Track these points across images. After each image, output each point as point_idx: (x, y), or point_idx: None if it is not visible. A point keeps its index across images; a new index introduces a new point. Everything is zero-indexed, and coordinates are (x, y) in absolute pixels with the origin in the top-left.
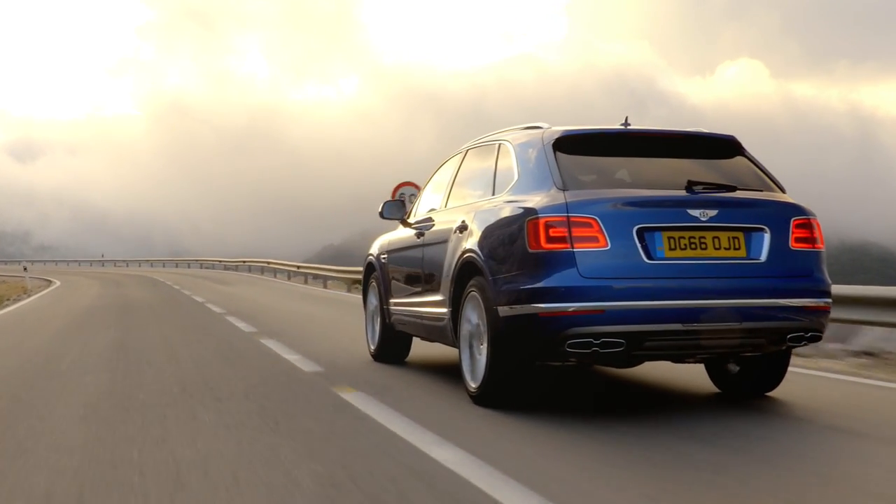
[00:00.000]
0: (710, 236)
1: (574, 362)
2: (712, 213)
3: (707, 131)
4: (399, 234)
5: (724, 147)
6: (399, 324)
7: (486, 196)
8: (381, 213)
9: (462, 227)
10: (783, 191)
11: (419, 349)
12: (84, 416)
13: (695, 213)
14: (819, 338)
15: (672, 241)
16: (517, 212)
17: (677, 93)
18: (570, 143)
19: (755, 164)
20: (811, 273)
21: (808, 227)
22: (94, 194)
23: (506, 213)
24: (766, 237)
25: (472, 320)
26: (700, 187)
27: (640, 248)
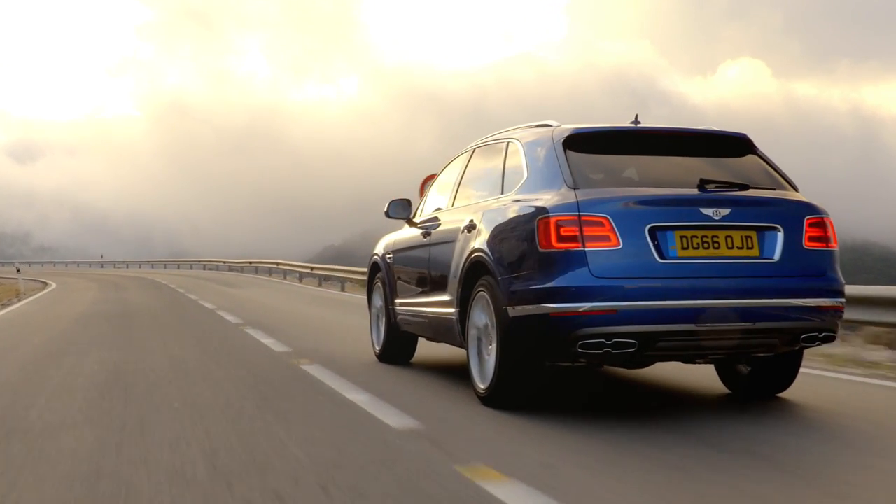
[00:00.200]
0: (722, 235)
1: (584, 363)
2: (725, 211)
3: (718, 129)
4: (405, 234)
5: (735, 145)
6: (405, 324)
7: (494, 195)
8: (387, 213)
9: (470, 227)
10: (796, 189)
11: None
12: None
13: (707, 211)
14: (833, 338)
15: (685, 240)
16: (527, 211)
17: (678, 92)
18: (580, 141)
19: (767, 163)
20: (825, 273)
21: (821, 226)
22: (94, 195)
23: (516, 212)
24: (780, 236)
25: (481, 320)
26: (712, 186)
27: (652, 247)
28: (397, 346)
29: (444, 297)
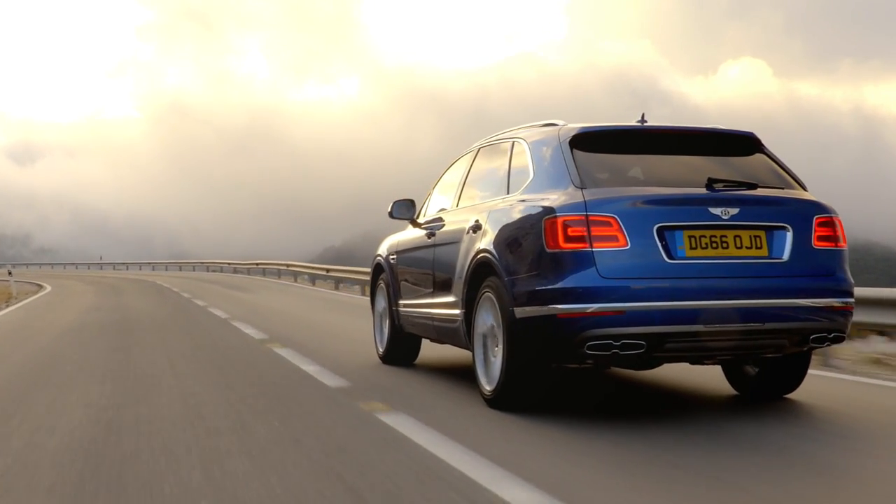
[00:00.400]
0: (731, 235)
1: (591, 364)
2: (734, 211)
3: (725, 128)
4: (408, 235)
5: (742, 144)
6: (409, 325)
7: (500, 195)
8: (391, 213)
9: (476, 227)
10: (804, 188)
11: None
12: None
13: (716, 211)
14: (842, 338)
15: (693, 240)
16: (534, 211)
17: (680, 92)
18: (587, 141)
19: (775, 161)
20: (834, 272)
21: (830, 225)
22: (94, 197)
23: (522, 212)
24: (789, 236)
25: (487, 322)
26: (721, 185)
27: (660, 247)
28: (401, 348)
29: (450, 299)
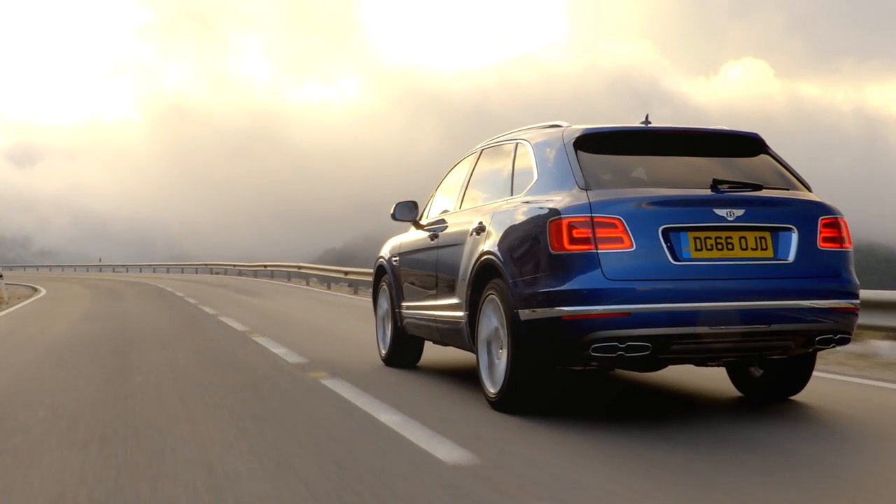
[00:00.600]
0: (736, 236)
1: (595, 366)
2: (739, 212)
3: (730, 129)
4: (411, 237)
5: (747, 145)
6: (412, 327)
7: (503, 197)
8: (393, 215)
9: (479, 229)
10: (809, 189)
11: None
12: None
13: (721, 212)
14: (848, 340)
15: (698, 241)
16: (538, 212)
17: (681, 93)
18: (591, 142)
19: (780, 162)
20: (839, 274)
21: (835, 226)
22: (94, 199)
23: (526, 213)
24: (794, 237)
25: (491, 324)
26: (726, 186)
27: (665, 248)
28: (404, 350)
29: (453, 301)
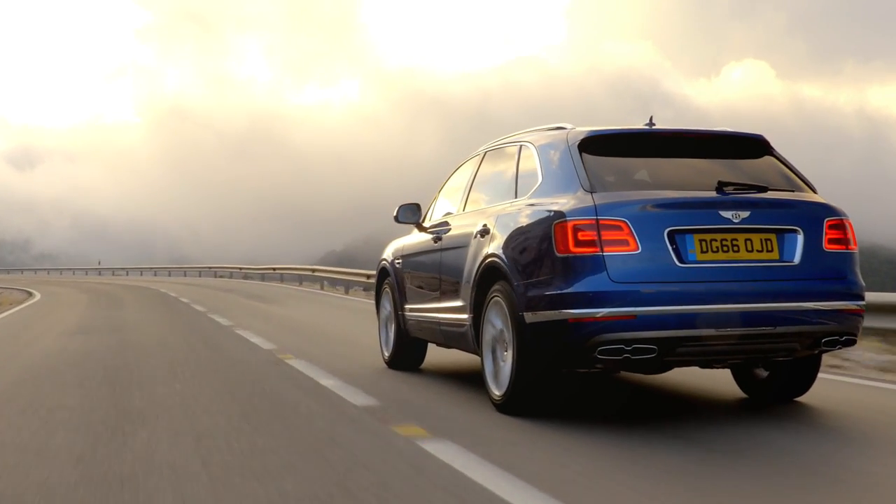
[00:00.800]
0: (742, 238)
1: (601, 368)
2: (744, 214)
3: (734, 131)
4: (414, 239)
5: (752, 146)
6: (415, 330)
7: (507, 199)
8: (396, 217)
9: (484, 231)
10: (814, 191)
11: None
12: None
13: (727, 214)
14: (853, 342)
15: (704, 243)
16: (543, 215)
17: (682, 94)
18: (595, 144)
19: (784, 164)
20: (845, 275)
21: (841, 227)
22: (94, 202)
23: (531, 216)
24: (800, 239)
25: (496, 326)
26: (731, 188)
27: (671, 251)
28: (407, 353)
29: (457, 303)
